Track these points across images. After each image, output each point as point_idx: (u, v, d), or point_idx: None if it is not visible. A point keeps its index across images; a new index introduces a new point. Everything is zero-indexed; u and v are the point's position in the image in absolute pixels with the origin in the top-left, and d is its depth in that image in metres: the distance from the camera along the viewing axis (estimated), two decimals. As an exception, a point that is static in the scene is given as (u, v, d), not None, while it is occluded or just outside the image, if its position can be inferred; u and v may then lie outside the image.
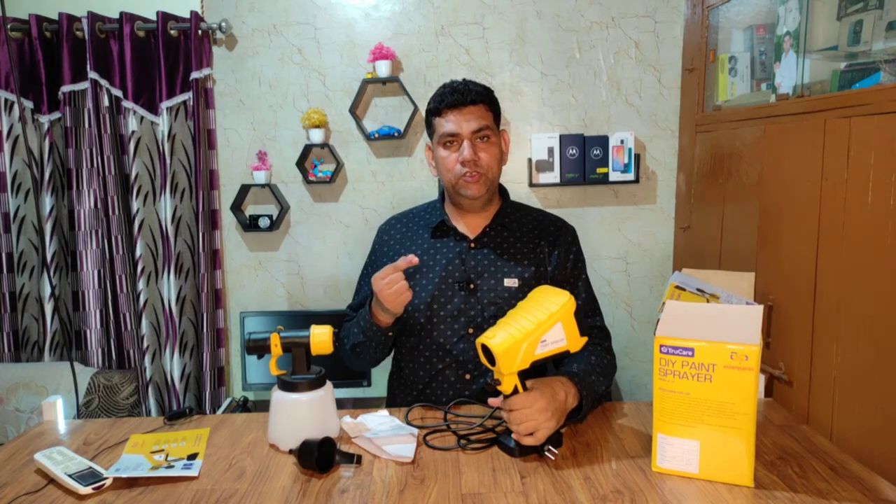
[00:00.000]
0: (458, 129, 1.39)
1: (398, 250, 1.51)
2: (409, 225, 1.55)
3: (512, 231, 1.48)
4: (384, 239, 1.57)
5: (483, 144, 1.41)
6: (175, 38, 2.31)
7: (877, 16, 1.31)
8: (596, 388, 1.28)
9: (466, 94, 1.39)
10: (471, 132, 1.39)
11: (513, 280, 1.42)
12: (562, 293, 1.17)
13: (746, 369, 1.00)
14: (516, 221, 1.49)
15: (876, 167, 1.20)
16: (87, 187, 2.34)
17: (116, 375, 2.32)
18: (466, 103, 1.39)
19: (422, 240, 1.50)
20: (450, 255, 1.46)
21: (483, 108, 1.41)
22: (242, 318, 2.42)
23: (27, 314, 2.42)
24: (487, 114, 1.42)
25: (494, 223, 1.47)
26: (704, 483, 1.05)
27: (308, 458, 1.10)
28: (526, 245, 1.46)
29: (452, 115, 1.39)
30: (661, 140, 2.38)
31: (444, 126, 1.41)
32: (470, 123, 1.39)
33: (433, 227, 1.49)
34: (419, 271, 1.46)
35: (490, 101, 1.43)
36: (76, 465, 1.12)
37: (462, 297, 1.42)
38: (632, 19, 2.32)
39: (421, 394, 1.46)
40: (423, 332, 1.45)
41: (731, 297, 1.58)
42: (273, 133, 2.43)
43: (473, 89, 1.40)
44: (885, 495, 0.99)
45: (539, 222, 1.52)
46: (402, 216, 1.60)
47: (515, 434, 1.13)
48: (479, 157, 1.39)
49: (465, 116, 1.39)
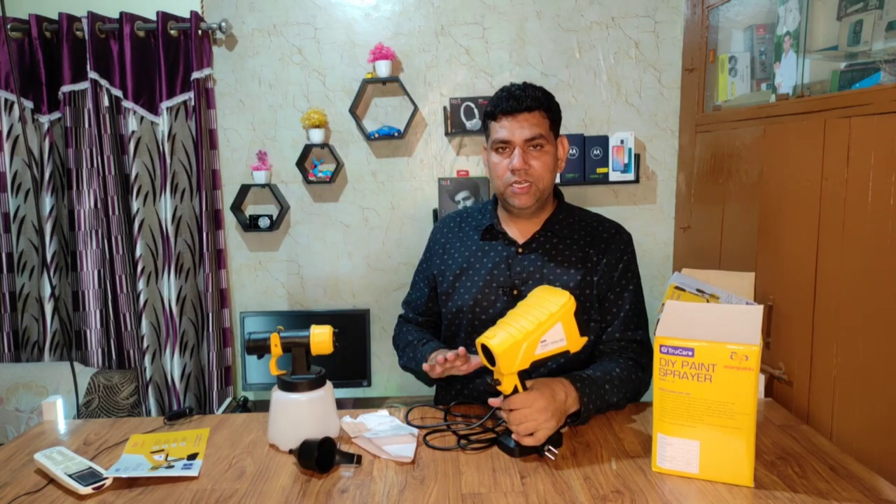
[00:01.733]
0: (510, 136, 1.36)
1: (448, 250, 1.52)
2: (462, 225, 1.55)
3: (562, 238, 1.44)
4: (437, 237, 1.57)
5: (536, 153, 1.37)
6: (175, 38, 2.31)
7: (877, 16, 1.31)
8: (607, 397, 1.26)
9: (522, 101, 1.35)
10: (523, 140, 1.35)
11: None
12: (562, 293, 1.17)
13: (746, 369, 1.00)
14: (568, 227, 1.45)
15: (876, 167, 1.20)
16: (87, 187, 2.35)
17: (116, 375, 2.32)
18: (521, 110, 1.35)
19: (471, 241, 1.49)
20: (497, 258, 1.44)
21: (539, 114, 1.37)
22: (243, 318, 2.42)
23: (27, 314, 2.42)
24: (543, 121, 1.37)
25: (545, 229, 1.44)
26: (704, 483, 1.05)
27: (308, 458, 1.10)
28: (575, 253, 1.42)
29: (506, 121, 1.36)
30: (661, 140, 2.38)
31: (497, 132, 1.38)
32: (523, 131, 1.35)
33: (483, 230, 1.48)
34: (465, 273, 1.46)
35: (548, 107, 1.39)
36: (76, 465, 1.12)
37: (505, 302, 1.40)
38: (632, 19, 2.32)
39: (459, 393, 1.48)
40: (465, 333, 1.45)
41: (731, 297, 1.58)
42: (273, 133, 2.43)
43: (531, 95, 1.36)
44: (885, 495, 0.99)
45: (592, 229, 1.47)
46: (455, 215, 1.59)
47: (515, 434, 1.13)
48: (531, 166, 1.36)
49: (519, 123, 1.35)
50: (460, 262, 1.48)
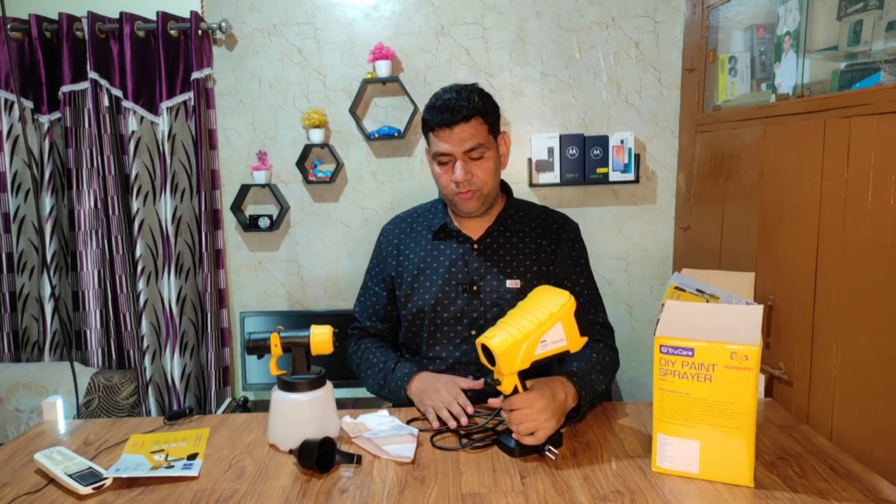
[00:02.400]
0: (450, 149, 1.36)
1: (402, 251, 1.51)
2: (413, 225, 1.55)
3: (515, 231, 1.47)
4: (388, 239, 1.56)
5: (477, 162, 1.37)
6: (175, 38, 2.31)
7: (877, 16, 1.30)
8: (595, 387, 1.28)
9: (458, 112, 1.33)
10: (462, 152, 1.36)
11: (515, 281, 1.42)
12: (562, 293, 1.17)
13: (746, 369, 1.00)
14: (519, 221, 1.49)
15: (876, 167, 1.20)
16: (87, 187, 2.35)
17: (116, 375, 2.32)
18: (458, 121, 1.34)
19: (425, 241, 1.50)
20: (453, 256, 1.45)
21: (476, 122, 1.35)
22: (242, 318, 2.42)
23: (27, 314, 2.42)
24: (481, 127, 1.37)
25: (497, 224, 1.47)
26: (704, 483, 1.05)
27: (308, 458, 1.10)
28: (529, 245, 1.46)
29: (444, 134, 1.35)
30: (661, 140, 2.38)
31: (436, 145, 1.38)
32: (462, 144, 1.35)
33: (435, 230, 1.49)
34: (423, 273, 1.46)
35: (484, 111, 1.37)
36: (76, 465, 1.12)
37: (465, 298, 1.42)
38: (632, 19, 2.32)
39: None
40: (428, 333, 1.45)
41: (731, 297, 1.58)
42: (273, 133, 2.43)
43: (464, 106, 1.34)
44: (885, 495, 0.99)
45: (542, 220, 1.51)
46: (405, 216, 1.59)
47: (516, 434, 1.13)
48: (473, 175, 1.37)
49: (456, 136, 1.35)
50: (416, 262, 1.48)
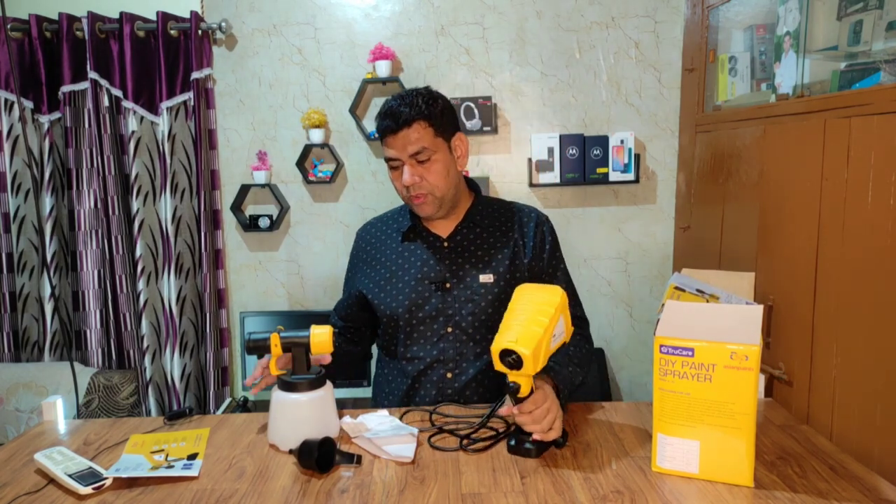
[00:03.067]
0: (396, 154, 1.38)
1: (374, 256, 1.52)
2: (383, 228, 1.55)
3: (484, 227, 1.48)
4: (360, 245, 1.57)
5: (424, 165, 1.38)
6: (175, 38, 2.31)
7: (877, 16, 1.31)
8: (573, 380, 1.31)
9: (399, 117, 1.35)
10: (408, 156, 1.37)
11: (488, 276, 1.42)
12: (551, 287, 1.18)
13: (746, 369, 1.00)
14: (488, 217, 1.49)
15: (876, 167, 1.20)
16: (87, 187, 2.35)
17: (116, 375, 2.32)
18: (400, 127, 1.36)
19: (394, 243, 1.51)
20: (423, 256, 1.46)
21: (420, 126, 1.36)
22: (242, 318, 2.42)
23: (27, 314, 2.42)
24: (425, 131, 1.37)
25: (466, 221, 1.47)
26: (704, 483, 1.05)
27: (308, 458, 1.10)
28: (499, 240, 1.46)
29: (390, 140, 1.38)
30: (661, 140, 2.38)
31: (385, 151, 1.41)
32: (406, 148, 1.37)
33: (404, 232, 1.50)
34: (395, 275, 1.46)
35: (428, 115, 1.38)
36: (76, 465, 1.12)
37: (439, 297, 1.42)
38: (632, 19, 2.32)
39: (405, 394, 1.46)
40: (404, 334, 1.45)
41: (731, 297, 1.58)
42: (273, 133, 2.43)
43: (405, 112, 1.36)
44: (885, 495, 0.99)
45: (511, 214, 1.51)
46: (376, 220, 1.60)
47: (539, 433, 1.12)
48: (422, 178, 1.38)
49: (400, 141, 1.37)
50: (388, 265, 1.49)
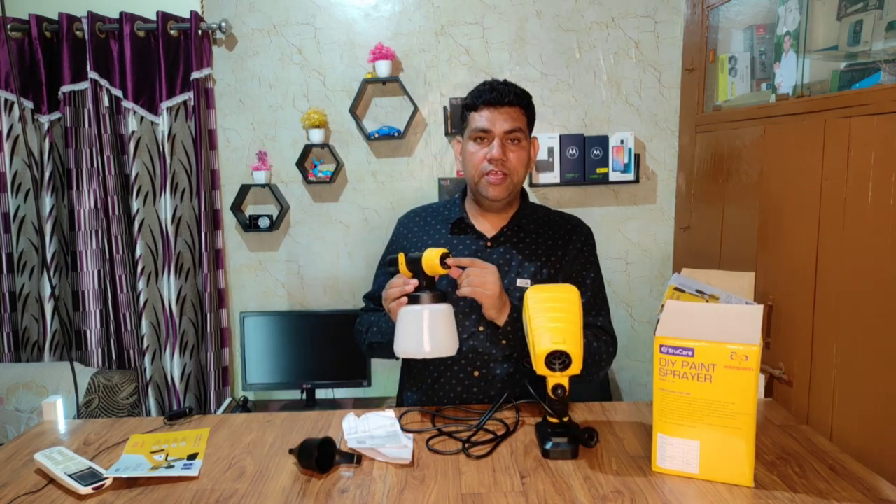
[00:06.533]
0: (490, 126, 1.39)
1: (415, 243, 1.52)
2: (428, 219, 1.56)
3: (528, 232, 1.48)
4: (403, 232, 1.58)
5: (513, 146, 1.41)
6: (175, 38, 2.31)
7: (877, 16, 1.31)
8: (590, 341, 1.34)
9: (505, 94, 1.39)
10: (503, 132, 1.39)
11: (525, 281, 1.43)
12: (564, 286, 1.20)
13: (746, 369, 1.00)
14: (533, 223, 1.50)
15: (876, 167, 1.20)
16: (87, 187, 2.34)
17: (116, 375, 2.32)
18: (503, 103, 1.39)
19: (439, 235, 1.51)
20: (466, 252, 1.46)
21: (519, 110, 1.41)
22: (242, 318, 2.42)
23: (27, 314, 2.42)
24: (522, 117, 1.42)
25: (512, 224, 1.48)
26: (704, 483, 1.05)
27: (308, 458, 1.10)
28: (541, 247, 1.47)
29: (487, 112, 1.40)
30: (661, 140, 2.38)
31: (477, 121, 1.41)
32: (504, 123, 1.39)
33: (451, 223, 1.50)
34: None
35: (527, 105, 1.43)
36: (76, 465, 1.12)
37: None
38: (632, 19, 2.32)
39: (430, 389, 1.46)
40: None
41: (731, 298, 1.58)
42: (273, 133, 2.43)
43: (512, 90, 1.41)
44: (885, 495, 0.99)
45: (556, 223, 1.52)
46: (421, 210, 1.61)
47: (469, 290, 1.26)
48: (508, 158, 1.40)
49: (500, 115, 1.39)
50: None
